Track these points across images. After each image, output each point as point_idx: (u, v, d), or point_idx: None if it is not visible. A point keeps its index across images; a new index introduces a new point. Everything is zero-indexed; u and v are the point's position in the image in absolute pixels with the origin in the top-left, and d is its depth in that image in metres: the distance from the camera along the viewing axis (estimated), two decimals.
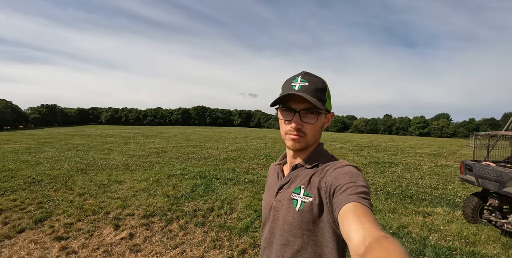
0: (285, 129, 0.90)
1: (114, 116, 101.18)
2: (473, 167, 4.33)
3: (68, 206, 4.70)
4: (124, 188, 6.01)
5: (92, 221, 4.08)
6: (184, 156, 12.14)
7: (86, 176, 7.28)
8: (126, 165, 9.27)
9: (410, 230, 4.22)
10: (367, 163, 11.62)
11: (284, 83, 0.92)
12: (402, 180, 8.18)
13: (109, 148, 14.93)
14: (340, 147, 19.01)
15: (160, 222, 4.08)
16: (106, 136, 24.84)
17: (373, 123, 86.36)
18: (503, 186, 3.74)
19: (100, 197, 5.29)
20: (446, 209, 5.31)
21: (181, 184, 6.46)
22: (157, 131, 38.19)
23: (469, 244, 3.82)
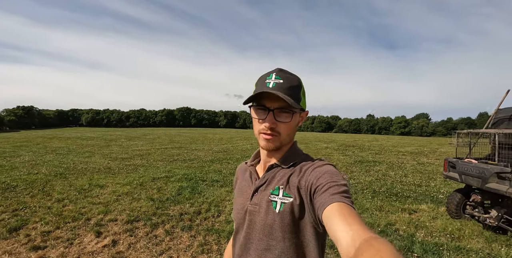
0: (258, 127, 0.86)
1: (96, 118, 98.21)
2: (456, 164, 4.45)
3: (46, 213, 4.45)
4: (106, 192, 5.78)
5: (72, 228, 3.87)
6: (169, 158, 11.89)
7: (66, 180, 6.96)
8: (108, 168, 8.96)
9: (398, 227, 4.28)
10: (352, 162, 11.78)
11: (258, 80, 0.88)
12: (387, 178, 8.32)
13: (90, 151, 14.43)
14: (325, 147, 19.21)
15: (144, 227, 3.92)
16: (87, 139, 24.03)
17: (356, 123, 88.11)
18: (485, 182, 3.86)
19: (80, 202, 5.04)
20: (430, 206, 5.43)
21: (166, 187, 6.29)
22: (140, 133, 37.35)
23: (454, 239, 3.92)
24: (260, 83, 0.86)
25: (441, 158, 13.83)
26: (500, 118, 4.73)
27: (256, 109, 0.86)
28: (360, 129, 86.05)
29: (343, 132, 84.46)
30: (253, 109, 0.87)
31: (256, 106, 0.85)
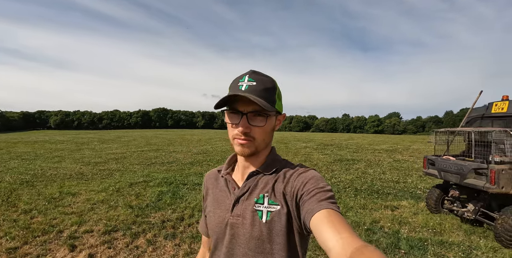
0: (232, 133, 0.83)
1: (65, 120, 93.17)
2: (435, 162, 4.60)
3: (11, 227, 4.04)
4: (79, 200, 5.39)
5: (42, 242, 3.53)
6: (146, 161, 11.46)
7: (33, 189, 6.45)
8: (81, 174, 8.44)
9: (382, 224, 4.36)
10: (332, 160, 11.96)
11: (232, 83, 0.84)
12: (367, 176, 8.51)
13: (60, 156, 13.59)
14: (304, 146, 19.43)
15: (124, 237, 3.66)
16: (56, 142, 22.68)
17: (332, 122, 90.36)
18: (463, 177, 4.03)
19: (50, 213, 4.65)
20: (410, 202, 5.60)
21: (145, 192, 5.99)
22: (114, 135, 35.89)
23: (436, 233, 4.06)
24: (233, 86, 0.82)
25: (415, 155, 14.42)
26: (473, 117, 4.96)
27: (229, 114, 0.82)
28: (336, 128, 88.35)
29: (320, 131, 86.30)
30: (226, 113, 0.83)
31: (229, 110, 0.82)
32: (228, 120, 0.83)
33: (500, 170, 3.62)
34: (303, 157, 13.25)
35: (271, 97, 0.82)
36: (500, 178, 3.62)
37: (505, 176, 3.64)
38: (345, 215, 4.73)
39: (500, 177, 3.62)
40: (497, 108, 4.54)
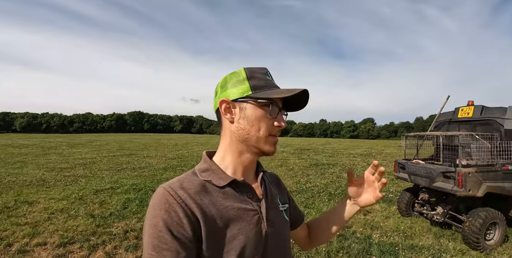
0: (267, 127, 0.72)
1: (32, 123, 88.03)
2: (406, 165, 4.67)
3: None
4: (36, 210, 4.95)
5: None
6: (116, 166, 10.93)
7: None
8: (42, 180, 7.86)
9: (355, 229, 4.35)
10: (308, 165, 12.03)
11: (253, 72, 0.74)
12: (341, 180, 8.59)
13: (22, 161, 12.68)
14: (282, 151, 19.47)
15: (81, 250, 3.35)
16: (20, 146, 21.23)
17: (310, 127, 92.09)
18: (432, 181, 4.08)
19: (1, 224, 4.20)
20: (382, 205, 5.67)
21: (111, 200, 5.63)
22: (86, 139, 34.28)
23: (407, 237, 4.09)
24: (263, 78, 0.74)
25: (388, 159, 14.86)
26: (441, 121, 5.12)
27: (273, 107, 0.72)
28: (314, 132, 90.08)
29: (298, 136, 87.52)
30: (258, 105, 0.72)
31: (271, 99, 0.71)
32: (271, 114, 0.72)
33: (467, 173, 3.68)
34: (279, 162, 13.22)
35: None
36: (467, 181, 3.67)
37: (472, 179, 3.70)
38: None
39: (467, 180, 3.67)
40: (463, 113, 4.71)
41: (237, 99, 0.72)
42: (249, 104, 0.72)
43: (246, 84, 0.72)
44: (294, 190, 7.02)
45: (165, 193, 0.64)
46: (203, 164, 0.75)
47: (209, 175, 0.71)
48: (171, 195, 0.63)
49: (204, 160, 0.76)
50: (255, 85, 0.72)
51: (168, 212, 0.61)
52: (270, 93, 0.71)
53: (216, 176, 0.71)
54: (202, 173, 0.72)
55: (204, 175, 0.71)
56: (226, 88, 0.74)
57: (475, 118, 4.43)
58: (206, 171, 0.72)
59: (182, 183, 0.68)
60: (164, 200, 0.63)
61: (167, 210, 0.61)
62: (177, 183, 0.67)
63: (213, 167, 0.73)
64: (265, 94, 0.70)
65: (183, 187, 0.66)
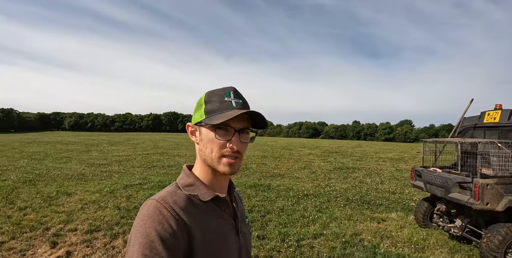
0: (220, 150, 0.75)
1: (79, 122, 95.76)
2: (422, 173, 4.44)
3: (4, 222, 4.27)
4: (73, 200, 5.59)
5: (28, 238, 3.73)
6: (148, 164, 11.68)
7: (34, 187, 6.71)
8: (82, 174, 8.71)
9: (363, 237, 4.27)
10: (332, 168, 11.88)
11: (212, 96, 0.79)
12: (363, 185, 8.41)
13: (68, 156, 14.03)
14: (308, 153, 19.32)
15: (104, 237, 3.80)
16: (67, 143, 23.36)
17: (342, 129, 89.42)
18: (448, 191, 3.83)
19: (43, 211, 4.86)
20: (400, 214, 5.48)
21: (137, 194, 6.15)
22: (124, 138, 36.62)
23: (418, 250, 3.91)
24: (218, 101, 0.77)
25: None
26: (466, 127, 4.79)
27: (218, 130, 0.74)
28: (346, 134, 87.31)
29: (330, 137, 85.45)
30: (209, 129, 0.75)
31: (219, 126, 0.74)
32: (218, 137, 0.74)
33: (484, 184, 3.36)
34: (303, 164, 13.20)
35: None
36: (484, 193, 3.37)
37: (491, 191, 3.38)
38: (327, 226, 4.67)
39: (484, 192, 3.37)
40: (489, 118, 4.34)
41: (197, 123, 0.78)
42: (203, 128, 0.77)
43: (202, 109, 0.78)
44: (312, 193, 7.03)
45: (158, 205, 0.67)
46: (187, 179, 0.78)
47: (194, 190, 0.76)
48: (165, 207, 0.67)
49: (187, 175, 0.79)
50: (208, 110, 0.76)
51: (162, 223, 0.64)
52: (218, 117, 0.74)
53: (201, 191, 0.76)
54: (186, 187, 0.76)
55: (188, 189, 0.75)
56: (194, 112, 0.82)
57: (502, 124, 4.08)
58: (190, 185, 0.76)
59: (172, 196, 0.71)
60: (158, 212, 0.65)
61: (160, 221, 0.64)
62: (168, 196, 0.71)
63: (197, 182, 0.77)
64: (212, 119, 0.74)
65: (174, 200, 0.70)
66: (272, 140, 43.36)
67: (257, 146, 25.31)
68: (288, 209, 5.51)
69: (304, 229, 4.42)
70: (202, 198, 0.74)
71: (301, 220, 4.87)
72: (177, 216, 0.66)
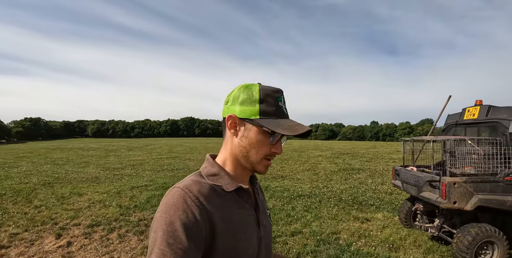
0: (264, 152, 0.76)
1: (101, 129, 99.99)
2: (399, 172, 4.46)
3: (21, 218, 4.91)
4: (82, 200, 6.21)
5: (38, 231, 4.32)
6: (158, 167, 12.30)
7: (51, 189, 7.42)
8: (96, 177, 9.41)
9: (340, 236, 4.34)
10: (337, 170, 11.98)
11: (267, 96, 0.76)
12: (362, 186, 8.50)
13: (87, 161, 14.96)
14: (318, 155, 19.40)
15: (102, 231, 4.33)
16: (88, 149, 24.68)
17: (360, 130, 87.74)
18: (420, 190, 3.78)
19: (55, 208, 5.49)
20: (386, 215, 5.49)
21: (140, 195, 6.68)
22: (143, 143, 38.01)
23: (392, 249, 3.90)
24: (274, 104, 0.76)
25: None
26: (449, 124, 4.75)
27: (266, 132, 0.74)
28: (364, 136, 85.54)
29: (347, 139, 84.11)
30: (263, 131, 0.74)
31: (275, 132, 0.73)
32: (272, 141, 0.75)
33: (451, 183, 3.32)
34: (309, 166, 13.38)
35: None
36: (451, 192, 3.31)
37: (459, 190, 3.32)
38: (309, 225, 4.81)
39: (451, 190, 3.31)
40: (469, 115, 4.28)
41: (244, 119, 0.75)
42: (254, 127, 0.74)
43: (256, 107, 0.74)
44: (306, 194, 7.19)
45: (183, 194, 0.67)
46: (211, 168, 0.78)
47: (218, 180, 0.75)
48: (189, 196, 0.67)
49: (212, 164, 0.79)
50: (264, 110, 0.74)
51: (186, 212, 0.64)
52: (276, 125, 0.73)
53: (224, 181, 0.75)
54: (210, 177, 0.76)
55: (212, 179, 0.75)
56: (237, 102, 0.76)
57: (481, 120, 4.00)
58: (215, 175, 0.76)
59: (197, 185, 0.71)
60: (182, 200, 0.66)
61: (184, 210, 0.64)
62: (193, 185, 0.71)
63: (222, 173, 0.77)
64: (270, 125, 0.72)
65: (199, 189, 0.70)
66: (286, 143, 43.15)
67: None
68: (277, 208, 5.79)
69: (284, 227, 4.65)
70: (225, 188, 0.74)
71: (285, 218, 5.10)
72: (201, 206, 0.67)
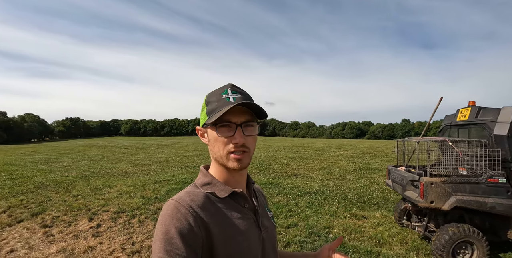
0: (225, 148, 0.77)
1: (133, 128, 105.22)
2: (390, 172, 4.65)
3: (61, 204, 5.91)
4: (112, 191, 7.16)
5: (75, 215, 5.26)
6: (182, 164, 13.17)
7: (87, 181, 8.51)
8: (125, 172, 10.47)
9: (332, 230, 4.59)
10: (353, 169, 12.05)
11: (211, 97, 0.81)
12: (373, 186, 8.56)
13: (119, 158, 16.29)
14: (339, 154, 19.32)
15: (126, 216, 5.16)
16: (121, 147, 26.50)
17: (390, 128, 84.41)
18: (404, 189, 3.90)
19: (89, 197, 6.47)
20: (385, 213, 5.62)
21: (162, 188, 7.50)
22: (171, 142, 39.72)
23: (378, 245, 4.07)
24: (216, 100, 0.79)
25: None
26: (445, 125, 4.83)
27: (219, 128, 0.76)
28: (395, 134, 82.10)
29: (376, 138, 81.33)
30: (212, 128, 0.78)
31: (219, 124, 0.76)
32: (216, 135, 0.77)
33: (429, 182, 3.43)
34: (326, 165, 13.51)
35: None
36: (428, 192, 3.43)
37: (436, 190, 3.43)
38: (307, 219, 5.15)
39: (428, 190, 3.43)
40: (461, 116, 4.33)
41: (203, 126, 0.81)
42: (208, 129, 0.80)
43: (204, 111, 0.81)
44: (314, 191, 7.46)
45: (177, 204, 0.72)
46: (204, 178, 0.82)
47: (211, 188, 0.79)
48: (183, 205, 0.72)
49: (204, 174, 0.83)
50: (209, 110, 0.79)
51: (180, 220, 0.68)
52: (214, 116, 0.76)
53: (218, 188, 0.79)
54: (204, 186, 0.80)
55: (205, 188, 0.79)
56: (200, 115, 0.85)
57: (471, 121, 4.07)
58: (208, 184, 0.80)
59: (190, 195, 0.75)
60: (176, 210, 0.70)
61: (179, 218, 0.69)
62: (186, 196, 0.75)
63: (214, 181, 0.81)
64: (210, 119, 0.76)
65: (192, 199, 0.74)
66: (310, 141, 43.19)
67: (292, 147, 25.73)
68: (281, 204, 6.22)
69: (282, 220, 5.06)
70: (219, 195, 0.78)
71: (286, 213, 5.49)
72: (195, 213, 0.71)
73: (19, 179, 8.96)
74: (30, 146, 32.34)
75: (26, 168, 11.64)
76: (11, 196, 6.68)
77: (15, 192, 7.02)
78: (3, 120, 57.16)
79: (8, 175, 9.84)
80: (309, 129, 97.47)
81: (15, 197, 6.57)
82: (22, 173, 10.30)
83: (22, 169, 11.33)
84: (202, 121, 0.82)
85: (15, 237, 4.25)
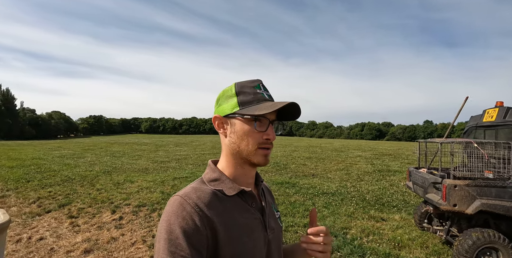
0: (257, 141, 0.75)
1: (153, 126, 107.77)
2: (412, 174, 4.54)
3: (86, 197, 6.20)
4: (133, 186, 7.42)
5: (99, 207, 5.50)
6: (200, 162, 13.42)
7: (109, 176, 8.85)
8: (146, 168, 10.79)
9: (349, 231, 4.52)
10: (372, 171, 11.83)
11: (243, 88, 0.78)
12: (392, 188, 8.37)
13: (140, 155, 16.80)
14: (357, 155, 19.01)
15: (146, 210, 5.35)
16: (141, 144, 27.29)
17: (411, 130, 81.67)
18: (426, 191, 3.80)
19: (112, 191, 6.74)
20: (404, 216, 5.49)
21: (181, 185, 7.68)
22: (189, 140, 40.45)
23: (396, 247, 3.97)
24: (252, 92, 0.77)
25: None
26: (470, 126, 4.67)
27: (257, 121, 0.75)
28: (416, 136, 79.28)
29: (397, 139, 79.04)
30: (245, 120, 0.75)
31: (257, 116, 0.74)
32: (258, 129, 0.75)
33: (452, 185, 3.33)
34: (344, 165, 13.33)
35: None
36: (451, 194, 3.33)
37: (459, 193, 3.32)
38: (324, 219, 5.14)
39: (451, 193, 3.33)
40: (488, 117, 4.19)
41: (228, 115, 0.76)
42: (237, 120, 0.75)
43: (234, 100, 0.76)
44: (331, 192, 7.40)
45: (182, 201, 0.68)
46: (212, 174, 0.78)
47: (219, 184, 0.76)
48: (189, 203, 0.68)
49: (213, 169, 0.79)
50: (242, 101, 0.75)
51: (186, 219, 0.65)
52: (256, 109, 0.73)
53: (226, 186, 0.76)
54: (211, 182, 0.76)
55: (213, 184, 0.76)
56: (220, 104, 0.79)
57: (498, 122, 3.92)
58: (216, 180, 0.77)
59: (196, 192, 0.71)
60: (182, 208, 0.67)
61: (184, 217, 0.65)
62: (192, 192, 0.71)
63: (223, 177, 0.77)
64: (250, 110, 0.73)
65: (198, 196, 0.70)
66: (327, 142, 42.69)
67: (309, 147, 25.56)
68: (298, 203, 6.21)
69: (300, 219, 5.06)
70: (227, 193, 0.75)
71: (303, 212, 5.49)
72: (201, 212, 0.67)
73: (47, 172, 9.45)
74: (56, 142, 33.94)
75: (54, 162, 12.24)
76: (40, 188, 7.07)
77: (43, 184, 7.42)
78: (32, 117, 60.30)
79: (37, 168, 10.39)
80: (327, 129, 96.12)
81: (43, 188, 6.95)
82: (50, 166, 10.85)
83: (49, 163, 11.93)
84: (229, 111, 0.77)
85: (44, 226, 4.51)
